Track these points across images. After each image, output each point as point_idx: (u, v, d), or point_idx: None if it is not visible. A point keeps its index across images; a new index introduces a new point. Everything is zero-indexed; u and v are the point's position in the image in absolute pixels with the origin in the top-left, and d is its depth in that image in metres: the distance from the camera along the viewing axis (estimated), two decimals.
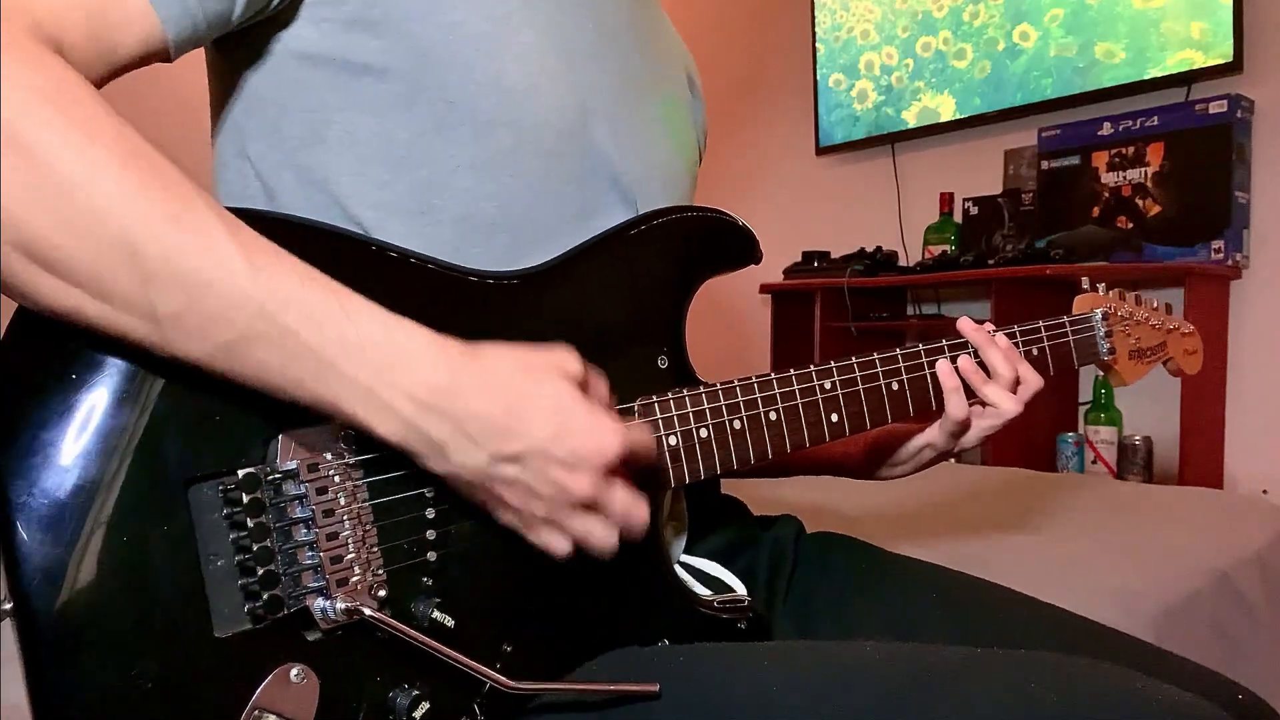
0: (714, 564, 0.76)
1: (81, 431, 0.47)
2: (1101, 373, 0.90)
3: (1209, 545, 1.25)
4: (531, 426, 0.52)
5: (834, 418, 0.72)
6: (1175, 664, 0.67)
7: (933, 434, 0.80)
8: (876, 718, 0.52)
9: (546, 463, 0.53)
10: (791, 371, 0.70)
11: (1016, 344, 0.80)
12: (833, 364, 0.72)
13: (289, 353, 0.47)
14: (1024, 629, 0.70)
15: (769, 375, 0.70)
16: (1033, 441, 2.42)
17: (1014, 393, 0.78)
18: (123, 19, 0.52)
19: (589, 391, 0.56)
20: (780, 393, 0.70)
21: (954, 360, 0.77)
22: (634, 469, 0.57)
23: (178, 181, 0.47)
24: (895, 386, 0.75)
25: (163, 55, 0.55)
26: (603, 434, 0.54)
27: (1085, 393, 2.51)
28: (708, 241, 0.71)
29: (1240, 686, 0.66)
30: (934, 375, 0.77)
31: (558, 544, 0.56)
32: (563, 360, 0.55)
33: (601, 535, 0.56)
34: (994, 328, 0.79)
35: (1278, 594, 1.26)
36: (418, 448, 0.51)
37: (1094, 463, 2.37)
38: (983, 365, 0.78)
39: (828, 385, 0.72)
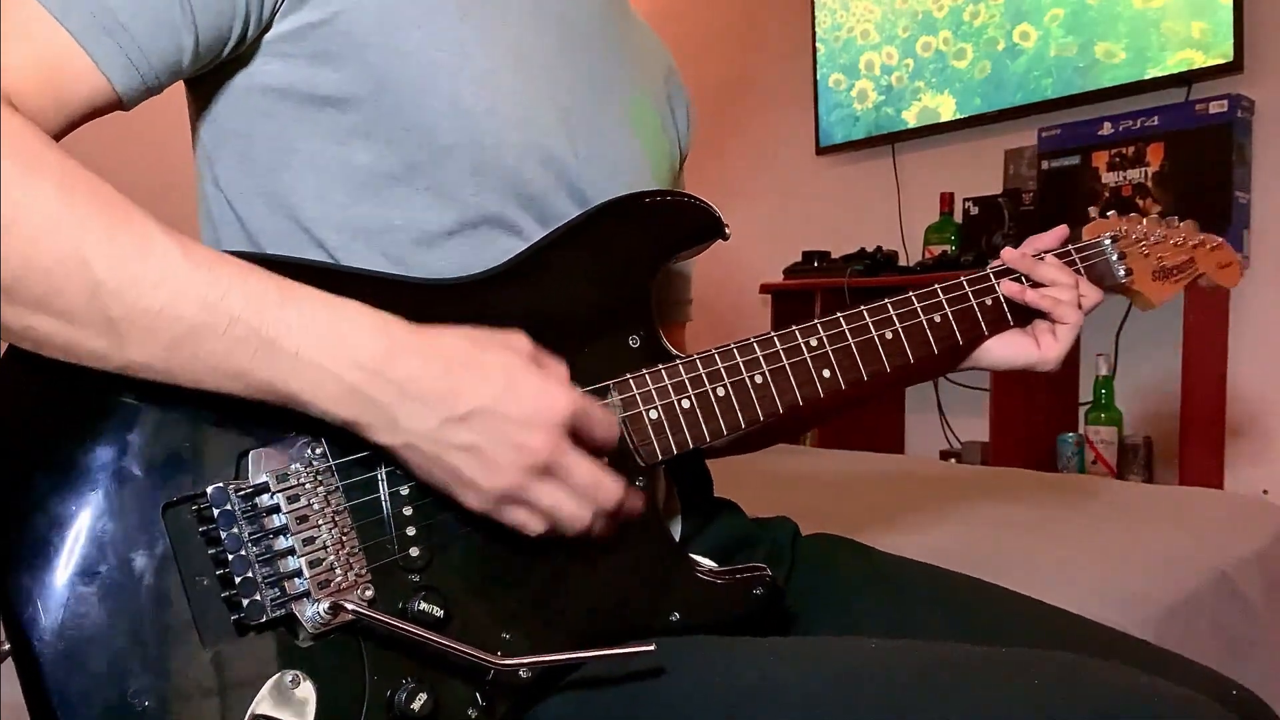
0: (709, 561, 0.76)
1: (63, 469, 0.50)
2: (1126, 298, 0.89)
3: (1209, 545, 1.25)
4: (477, 386, 0.53)
5: (825, 374, 0.71)
6: (1174, 663, 0.67)
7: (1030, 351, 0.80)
8: (880, 714, 0.52)
9: (498, 422, 0.53)
10: (773, 333, 0.70)
11: (1020, 280, 0.80)
12: (817, 321, 0.71)
13: (233, 338, 0.49)
14: (1023, 629, 0.70)
15: (749, 340, 0.69)
16: (1033, 441, 2.42)
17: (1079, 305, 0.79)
18: (71, 77, 0.55)
19: (541, 366, 0.57)
20: (763, 355, 0.69)
21: (998, 286, 0.78)
22: (596, 447, 0.57)
23: (116, 200, 0.50)
24: (889, 335, 0.74)
25: (118, 105, 0.58)
26: (552, 393, 0.54)
27: (1085, 393, 2.51)
28: (670, 224, 0.71)
29: (1235, 683, 0.66)
30: (998, 299, 0.78)
31: (530, 521, 0.56)
32: (510, 338, 0.57)
33: (572, 509, 0.55)
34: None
35: (1278, 594, 1.26)
36: (366, 418, 0.52)
37: (1094, 463, 2.37)
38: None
39: (814, 342, 0.71)
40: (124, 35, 0.56)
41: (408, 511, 0.57)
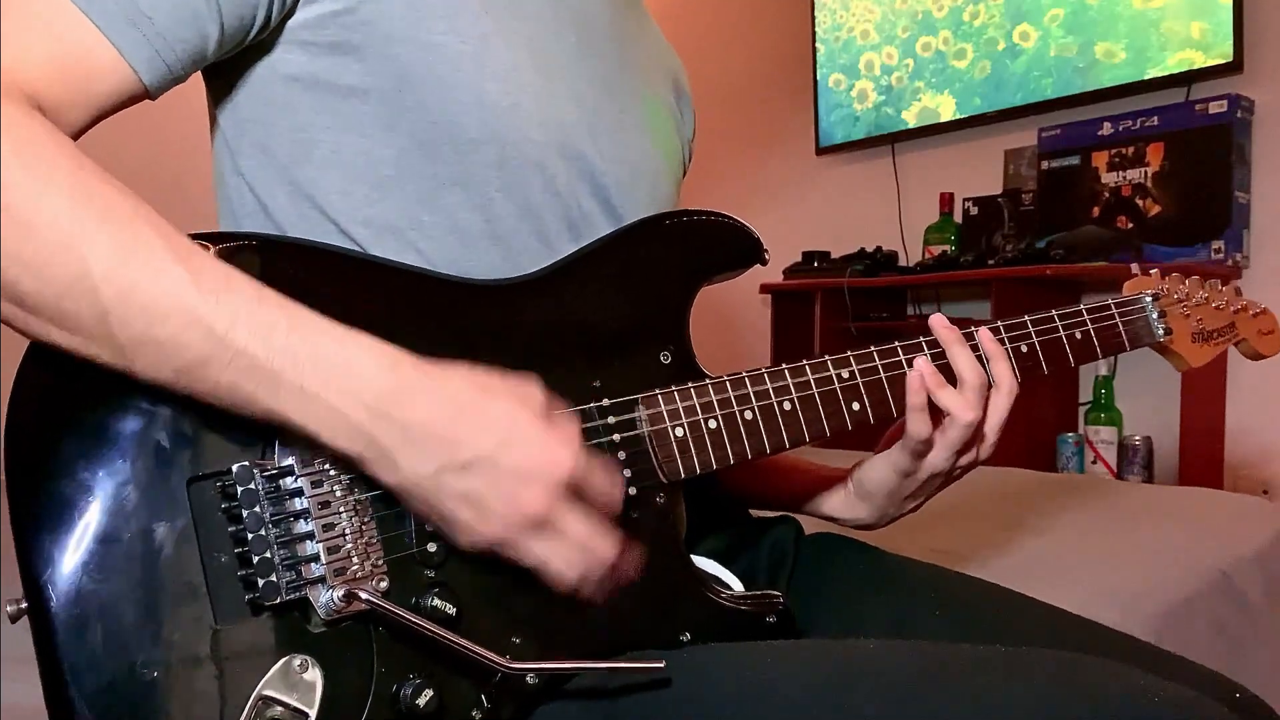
0: (714, 563, 0.76)
1: (92, 435, 0.50)
2: (1162, 355, 0.87)
3: (1209, 545, 1.25)
4: (479, 436, 0.52)
5: (854, 406, 0.70)
6: (1175, 664, 0.67)
7: (893, 456, 0.73)
8: (882, 714, 0.52)
9: (496, 474, 0.52)
10: (805, 361, 0.69)
11: (1056, 329, 0.77)
12: (850, 354, 0.71)
13: (239, 370, 0.49)
14: (1024, 629, 0.70)
15: (781, 366, 0.69)
16: (1033, 441, 2.42)
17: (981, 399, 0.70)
18: (96, 69, 0.54)
19: (548, 421, 0.55)
20: (794, 382, 0.69)
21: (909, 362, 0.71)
22: (595, 504, 0.56)
23: (130, 217, 0.49)
24: None
25: (144, 96, 0.58)
26: (555, 449, 0.53)
27: (1085, 393, 2.51)
28: (712, 245, 0.71)
29: (1239, 685, 0.66)
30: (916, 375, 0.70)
31: (519, 561, 0.55)
32: (522, 388, 0.55)
33: (560, 566, 0.55)
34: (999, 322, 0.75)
35: (1278, 594, 1.26)
36: (368, 455, 0.52)
37: (1094, 463, 2.37)
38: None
39: (845, 374, 0.70)
40: (149, 25, 0.55)
41: None
